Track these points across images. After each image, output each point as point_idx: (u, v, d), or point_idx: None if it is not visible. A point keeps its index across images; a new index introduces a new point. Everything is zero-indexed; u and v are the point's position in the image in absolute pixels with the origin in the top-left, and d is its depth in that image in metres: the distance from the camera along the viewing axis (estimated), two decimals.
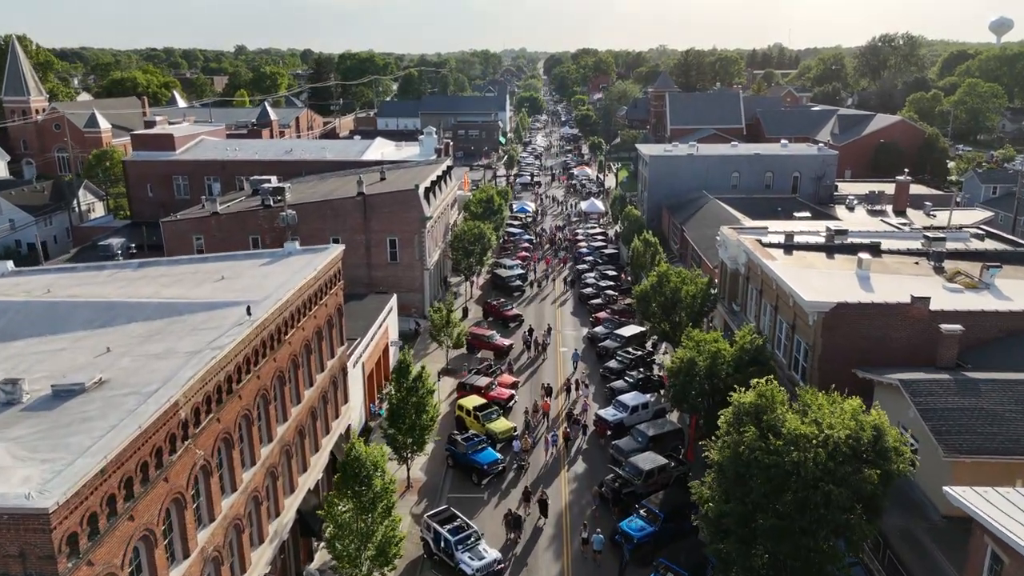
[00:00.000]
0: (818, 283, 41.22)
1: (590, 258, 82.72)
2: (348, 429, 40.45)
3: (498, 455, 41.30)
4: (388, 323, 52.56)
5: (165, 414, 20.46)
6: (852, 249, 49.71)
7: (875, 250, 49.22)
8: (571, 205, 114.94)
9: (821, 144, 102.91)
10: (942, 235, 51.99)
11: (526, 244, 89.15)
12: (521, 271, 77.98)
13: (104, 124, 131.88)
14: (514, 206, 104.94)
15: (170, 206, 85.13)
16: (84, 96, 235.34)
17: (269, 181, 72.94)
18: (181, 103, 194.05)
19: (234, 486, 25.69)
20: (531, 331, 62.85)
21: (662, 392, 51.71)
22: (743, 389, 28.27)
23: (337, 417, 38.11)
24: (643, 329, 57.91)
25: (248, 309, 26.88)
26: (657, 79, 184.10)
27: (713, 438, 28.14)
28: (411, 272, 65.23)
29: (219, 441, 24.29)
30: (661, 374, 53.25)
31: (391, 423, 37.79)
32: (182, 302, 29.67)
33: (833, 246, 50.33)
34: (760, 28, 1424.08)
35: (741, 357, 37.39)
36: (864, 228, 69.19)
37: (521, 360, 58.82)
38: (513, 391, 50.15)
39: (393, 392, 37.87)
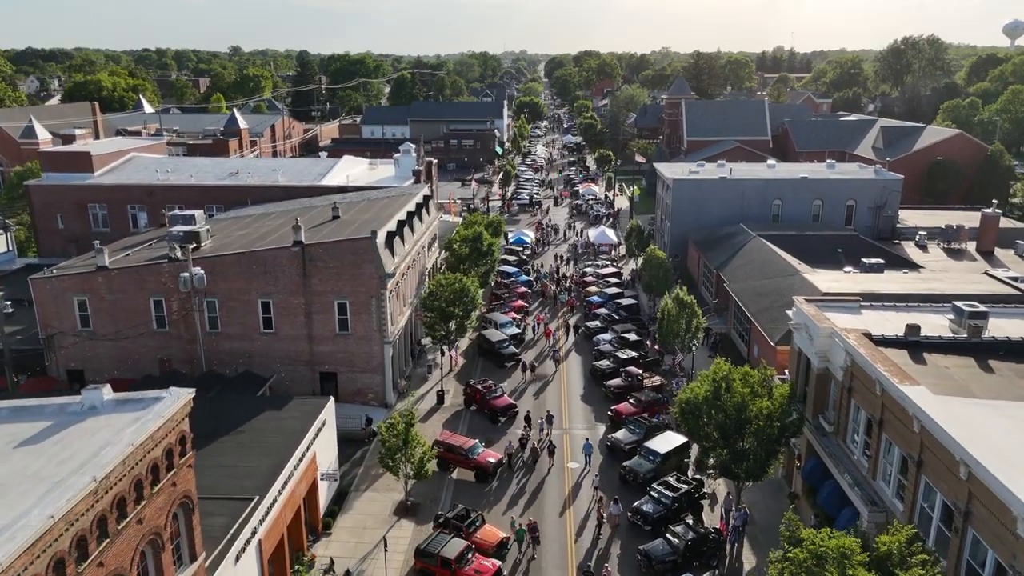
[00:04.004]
0: (1004, 436, 24.71)
1: (603, 310, 65.94)
2: None
3: None
4: (318, 447, 35.95)
5: None
6: (1009, 349, 33.22)
7: None
8: (578, 232, 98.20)
9: (878, 165, 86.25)
10: None
11: (523, 289, 72.30)
12: (516, 330, 61.27)
13: (43, 134, 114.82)
14: (509, 235, 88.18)
15: (84, 241, 68.73)
16: (55, 100, 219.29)
17: (193, 217, 56.19)
18: (148, 108, 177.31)
19: None
20: (527, 419, 46.47)
21: (719, 550, 35.14)
22: None
23: None
24: (684, 440, 41.30)
25: None
26: (672, 84, 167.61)
27: None
28: (367, 346, 48.67)
29: None
30: (719, 526, 36.61)
31: None
32: None
33: (980, 343, 33.75)
34: (761, 31, 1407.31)
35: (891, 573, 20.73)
36: (964, 285, 52.84)
37: (512, 479, 42.15)
38: (499, 562, 33.42)
39: None
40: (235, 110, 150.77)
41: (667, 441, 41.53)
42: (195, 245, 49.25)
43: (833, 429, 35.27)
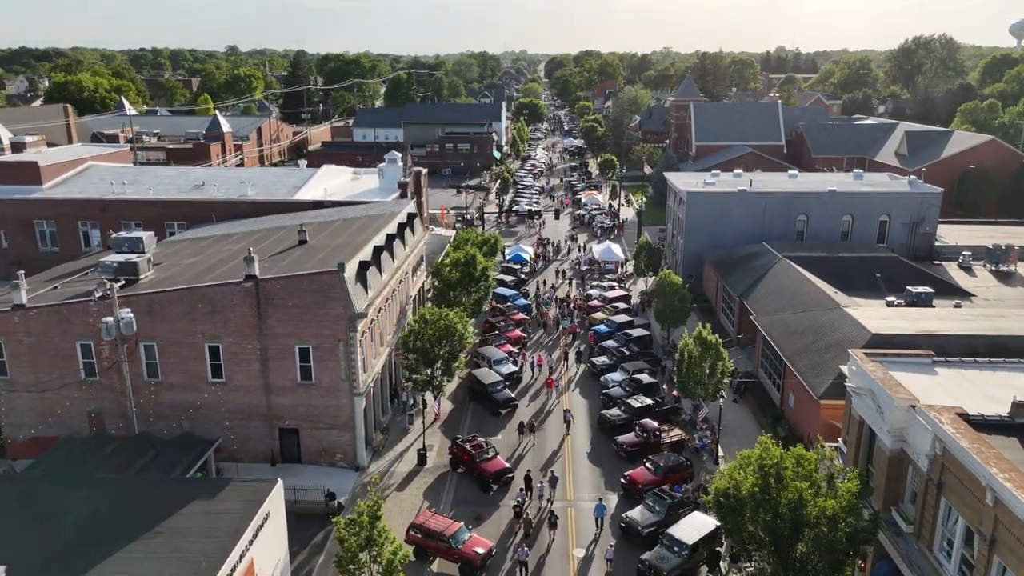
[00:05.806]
0: None
1: (611, 342, 58.24)
2: None
3: None
4: (258, 549, 28.32)
5: None
6: None
7: None
8: (581, 246, 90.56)
9: (912, 176, 78.62)
10: None
11: (520, 315, 64.57)
12: (513, 368, 53.70)
13: (7, 139, 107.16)
14: (507, 251, 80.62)
15: (31, 262, 61.05)
16: (39, 102, 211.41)
17: (140, 240, 48.51)
18: (130, 110, 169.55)
19: None
20: (527, 480, 39.08)
21: None
22: None
23: None
24: (716, 525, 33.64)
25: None
26: (678, 84, 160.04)
27: None
28: (334, 399, 41.09)
29: None
30: None
31: None
32: None
33: None
34: (761, 31, 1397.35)
35: None
36: None
37: (506, 563, 34.52)
38: None
39: None
40: (218, 112, 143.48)
41: (695, 526, 33.90)
42: (130, 278, 41.75)
43: (913, 530, 27.68)
